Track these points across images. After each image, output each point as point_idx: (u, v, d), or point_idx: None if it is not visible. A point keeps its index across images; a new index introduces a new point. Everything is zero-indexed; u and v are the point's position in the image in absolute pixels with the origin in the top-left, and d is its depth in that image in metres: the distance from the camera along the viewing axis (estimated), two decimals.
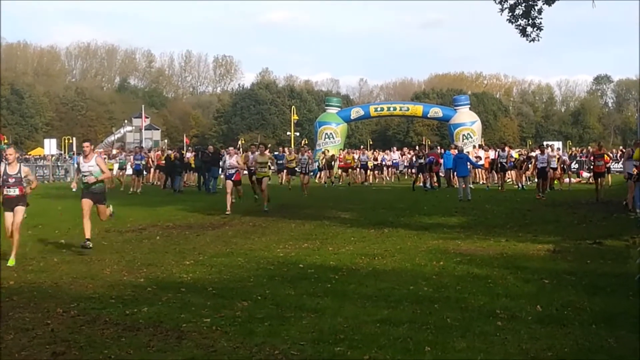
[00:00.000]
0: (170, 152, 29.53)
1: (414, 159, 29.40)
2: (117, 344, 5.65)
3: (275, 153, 34.84)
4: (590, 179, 30.25)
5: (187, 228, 13.94)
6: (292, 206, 18.98)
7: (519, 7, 17.61)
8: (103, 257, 10.11)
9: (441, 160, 28.05)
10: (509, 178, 28.32)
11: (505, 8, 17.67)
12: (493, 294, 7.35)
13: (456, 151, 25.19)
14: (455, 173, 24.02)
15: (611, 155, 38.11)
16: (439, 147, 40.05)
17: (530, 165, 27.75)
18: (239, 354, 5.41)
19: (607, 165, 25.62)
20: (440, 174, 28.32)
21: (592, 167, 22.87)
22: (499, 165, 25.83)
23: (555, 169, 25.22)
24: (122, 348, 5.54)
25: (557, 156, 26.82)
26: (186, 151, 33.94)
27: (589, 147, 44.01)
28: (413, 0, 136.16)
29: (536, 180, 22.77)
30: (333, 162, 32.74)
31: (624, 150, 46.71)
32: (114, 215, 12.20)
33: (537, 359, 5.27)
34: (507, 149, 27.08)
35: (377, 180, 33.54)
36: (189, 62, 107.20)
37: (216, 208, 17.30)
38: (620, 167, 41.02)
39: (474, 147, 35.65)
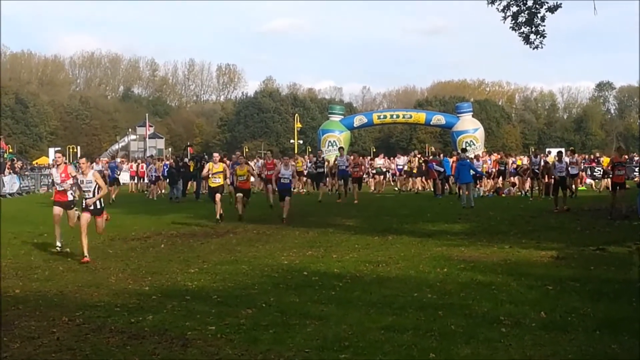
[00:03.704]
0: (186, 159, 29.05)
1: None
2: (122, 352, 5.68)
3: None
4: (601, 187, 30.17)
5: (192, 236, 13.97)
6: (295, 214, 18.98)
7: (522, 14, 17.67)
8: (108, 266, 10.15)
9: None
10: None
11: (509, 16, 17.75)
12: (497, 301, 7.36)
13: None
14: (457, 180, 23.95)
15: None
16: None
17: (529, 172, 27.46)
18: None
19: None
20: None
21: (610, 176, 19.59)
22: (532, 172, 25.66)
23: (575, 176, 24.20)
24: (128, 356, 5.57)
25: (578, 161, 26.11)
26: (189, 160, 33.81)
27: (592, 154, 43.81)
28: (416, 8, 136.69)
29: (552, 192, 20.53)
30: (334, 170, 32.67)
31: (626, 157, 46.64)
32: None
33: None
34: (540, 155, 26.76)
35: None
36: (192, 71, 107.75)
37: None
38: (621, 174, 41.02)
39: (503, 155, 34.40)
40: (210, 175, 17.00)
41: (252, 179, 18.77)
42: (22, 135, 79.14)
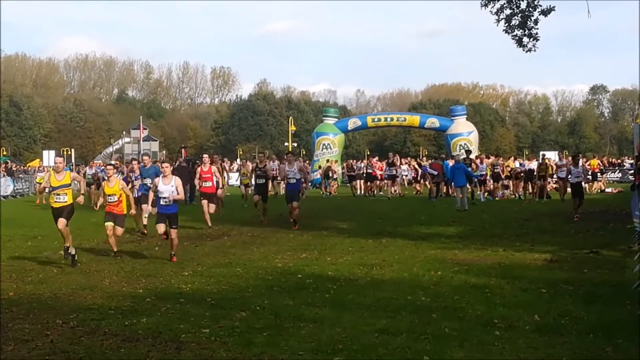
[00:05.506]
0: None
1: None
2: (116, 354, 5.67)
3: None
4: (594, 190, 30.20)
5: (186, 239, 13.94)
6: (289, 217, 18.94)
7: (515, 17, 17.69)
8: (102, 268, 10.13)
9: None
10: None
11: (502, 19, 17.75)
12: (491, 304, 7.38)
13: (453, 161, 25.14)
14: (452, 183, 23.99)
15: None
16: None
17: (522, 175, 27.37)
18: None
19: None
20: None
21: None
22: (525, 175, 25.62)
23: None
24: (122, 359, 5.57)
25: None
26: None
27: (586, 157, 43.78)
28: (410, 11, 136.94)
29: (572, 197, 18.38)
30: (330, 173, 32.66)
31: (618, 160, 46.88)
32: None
33: None
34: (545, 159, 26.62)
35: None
36: (186, 74, 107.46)
37: (215, 219, 17.26)
38: (616, 176, 41.38)
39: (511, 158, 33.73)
40: (50, 191, 10.73)
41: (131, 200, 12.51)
42: (16, 137, 78.88)
